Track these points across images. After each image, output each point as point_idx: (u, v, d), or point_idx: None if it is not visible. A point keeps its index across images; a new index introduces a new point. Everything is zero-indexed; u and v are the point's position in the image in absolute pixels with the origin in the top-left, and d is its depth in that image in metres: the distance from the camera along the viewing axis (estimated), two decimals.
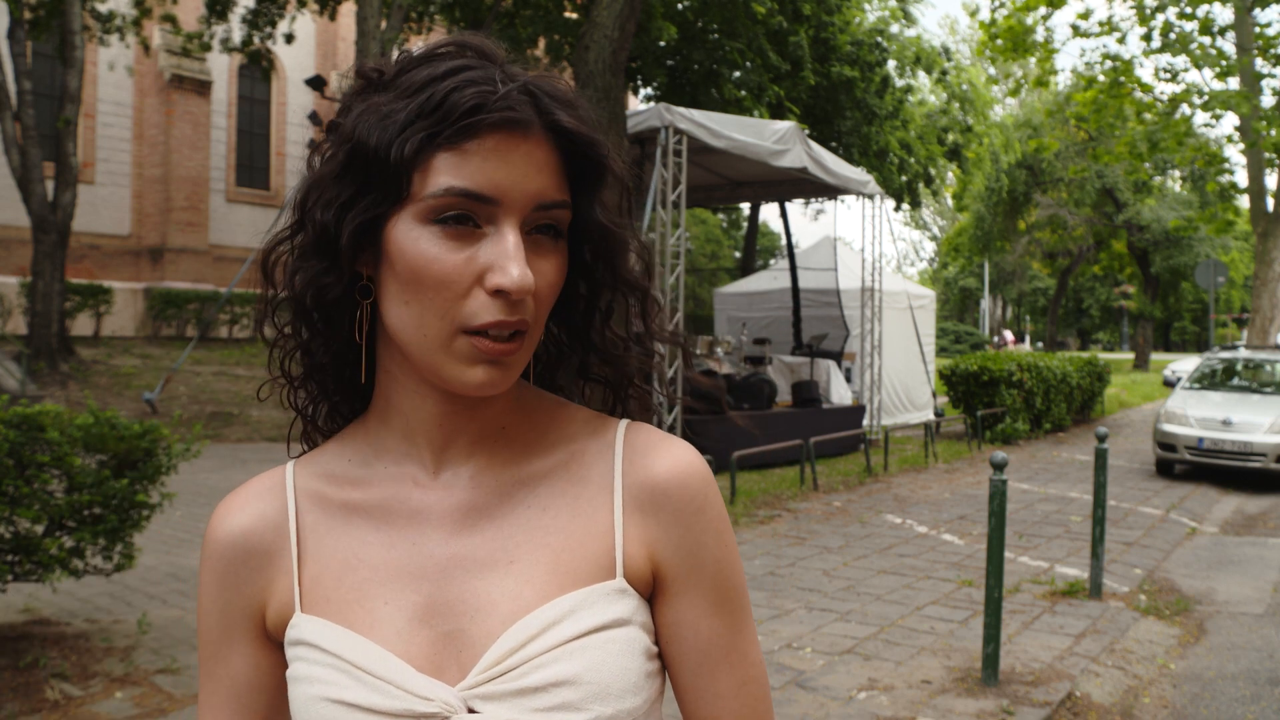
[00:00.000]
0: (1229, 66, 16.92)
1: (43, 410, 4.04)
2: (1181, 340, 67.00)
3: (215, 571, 0.81)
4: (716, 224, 42.28)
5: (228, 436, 13.22)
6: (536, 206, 0.72)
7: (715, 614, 0.79)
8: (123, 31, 17.07)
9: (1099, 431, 6.28)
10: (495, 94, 0.70)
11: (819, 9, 19.74)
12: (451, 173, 0.70)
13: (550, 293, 0.75)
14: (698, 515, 0.79)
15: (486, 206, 0.70)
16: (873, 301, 14.10)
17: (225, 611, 0.81)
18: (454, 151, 0.70)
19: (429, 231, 0.71)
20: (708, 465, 0.82)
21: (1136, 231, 34.59)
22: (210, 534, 0.82)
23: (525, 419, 0.82)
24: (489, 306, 0.70)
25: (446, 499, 0.78)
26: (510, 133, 0.71)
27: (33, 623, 4.80)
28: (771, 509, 8.74)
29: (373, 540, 0.78)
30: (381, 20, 13.28)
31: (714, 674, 0.79)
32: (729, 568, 0.80)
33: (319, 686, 0.74)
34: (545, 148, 0.73)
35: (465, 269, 0.70)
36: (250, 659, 0.81)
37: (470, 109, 0.69)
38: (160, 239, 21.30)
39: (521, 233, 0.71)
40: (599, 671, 0.72)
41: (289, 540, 0.80)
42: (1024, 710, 4.11)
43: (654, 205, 9.70)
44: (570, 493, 0.79)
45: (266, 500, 0.82)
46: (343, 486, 0.80)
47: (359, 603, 0.76)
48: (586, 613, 0.74)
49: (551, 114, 0.73)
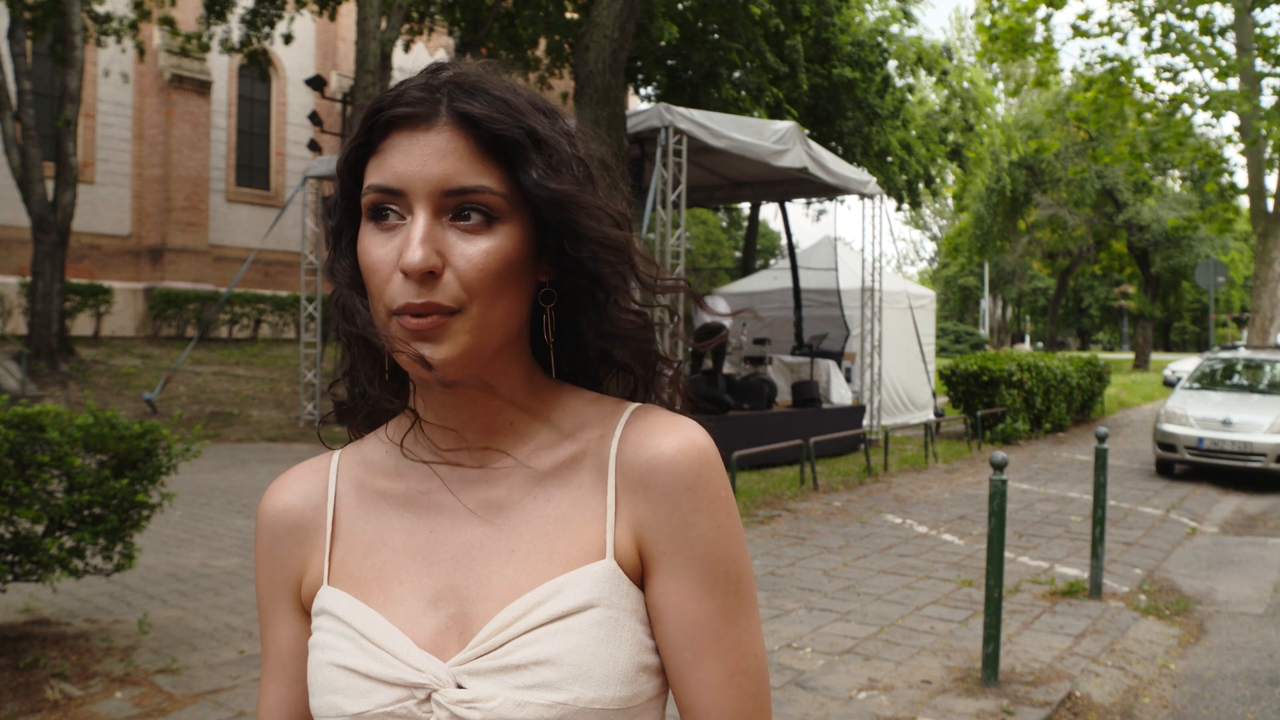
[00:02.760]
0: (1229, 67, 16.92)
1: (43, 410, 4.04)
2: (1181, 340, 67.02)
3: (264, 544, 0.89)
4: (716, 224, 42.30)
5: (228, 436, 13.22)
6: (445, 192, 0.75)
7: (704, 596, 0.78)
8: (120, 34, 17.07)
9: (1099, 431, 6.27)
10: (397, 95, 0.77)
11: (819, 9, 19.74)
12: (373, 173, 0.77)
13: (479, 274, 0.75)
14: (688, 492, 0.79)
15: (396, 198, 0.76)
16: (873, 301, 14.10)
17: (272, 582, 0.89)
18: (377, 155, 0.77)
19: (368, 229, 0.78)
20: (713, 446, 0.81)
21: (1136, 231, 34.60)
22: (260, 509, 0.90)
23: (537, 414, 0.84)
24: (403, 289, 0.75)
25: (464, 492, 0.83)
26: (412, 127, 0.76)
27: (33, 623, 4.81)
28: (771, 509, 8.74)
29: (397, 526, 0.84)
30: (381, 20, 13.27)
31: (701, 660, 0.78)
32: (723, 549, 0.79)
33: (329, 653, 0.80)
34: (451, 135, 0.76)
35: (389, 257, 0.76)
36: (291, 627, 0.88)
37: (370, 113, 0.78)
38: (160, 239, 21.30)
39: (438, 219, 0.76)
40: (579, 654, 0.74)
41: (326, 519, 0.87)
42: (1024, 710, 4.11)
43: (654, 205, 9.70)
44: (574, 481, 0.81)
45: (311, 481, 0.89)
46: (377, 475, 0.87)
47: (377, 581, 0.82)
48: (571, 591, 0.76)
49: (456, 102, 0.76)
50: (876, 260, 14.13)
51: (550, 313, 0.84)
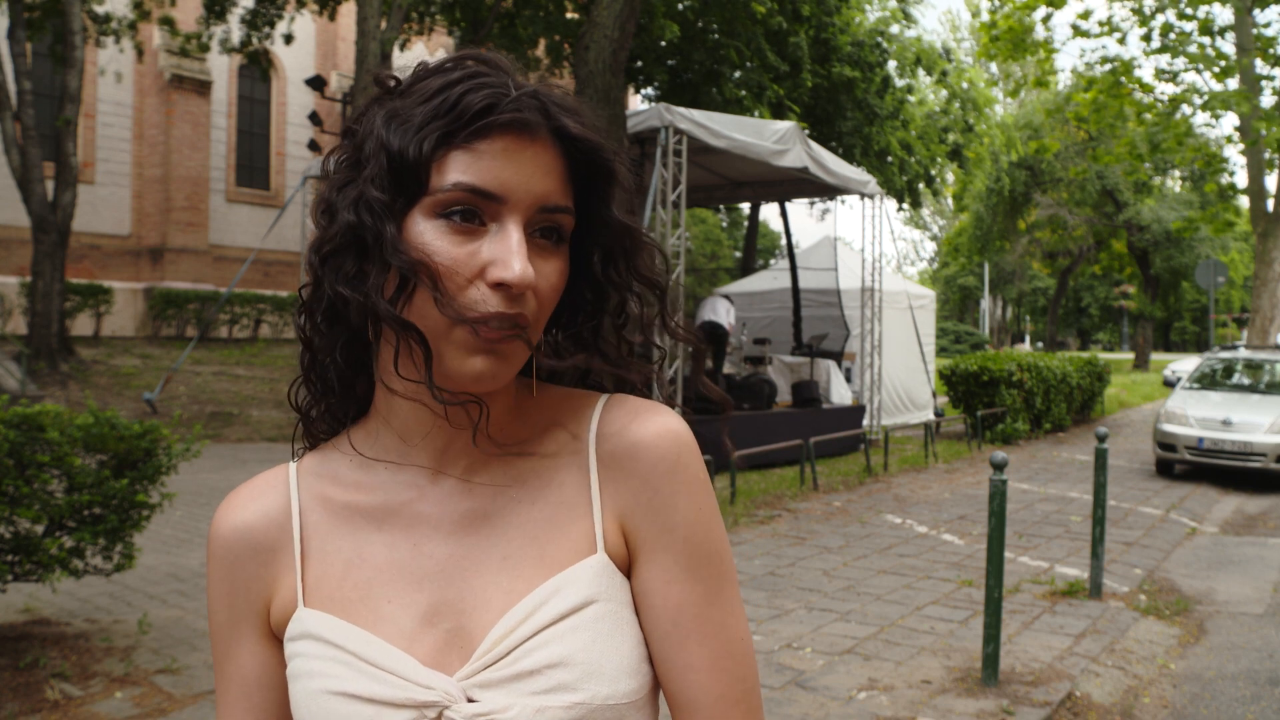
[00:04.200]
0: (1229, 67, 16.92)
1: (43, 410, 4.04)
2: (1181, 340, 67.02)
3: (221, 567, 0.83)
4: (716, 224, 42.30)
5: (228, 436, 13.22)
6: (541, 208, 0.74)
7: (686, 579, 0.78)
8: (119, 34, 17.07)
9: (1099, 431, 6.27)
10: (507, 97, 0.73)
11: (819, 9, 19.74)
12: (462, 170, 0.72)
13: (551, 294, 0.76)
14: (668, 476, 0.78)
15: (492, 204, 0.73)
16: (873, 301, 14.10)
17: (232, 607, 0.83)
18: (466, 150, 0.72)
19: (436, 225, 0.73)
20: (688, 430, 0.81)
21: (1136, 231, 34.59)
22: (215, 530, 0.84)
23: (518, 416, 0.83)
24: (490, 298, 0.72)
25: (445, 503, 0.80)
26: (519, 135, 0.73)
27: (33, 623, 4.80)
28: (771, 509, 8.74)
29: (376, 541, 0.80)
30: (381, 20, 13.27)
31: (685, 644, 0.77)
32: (704, 532, 0.79)
33: (321, 680, 0.75)
34: (551, 152, 0.75)
35: (468, 262, 0.72)
36: (258, 656, 0.82)
37: (482, 109, 0.72)
38: (160, 239, 21.30)
39: (525, 232, 0.73)
40: (590, 651, 0.73)
41: (292, 538, 0.81)
42: (1024, 710, 4.11)
43: (654, 205, 9.71)
44: (555, 480, 0.80)
45: (269, 498, 0.83)
46: (345, 488, 0.82)
47: (363, 601, 0.78)
48: (570, 589, 0.75)
49: (557, 120, 0.75)
50: (876, 260, 14.12)
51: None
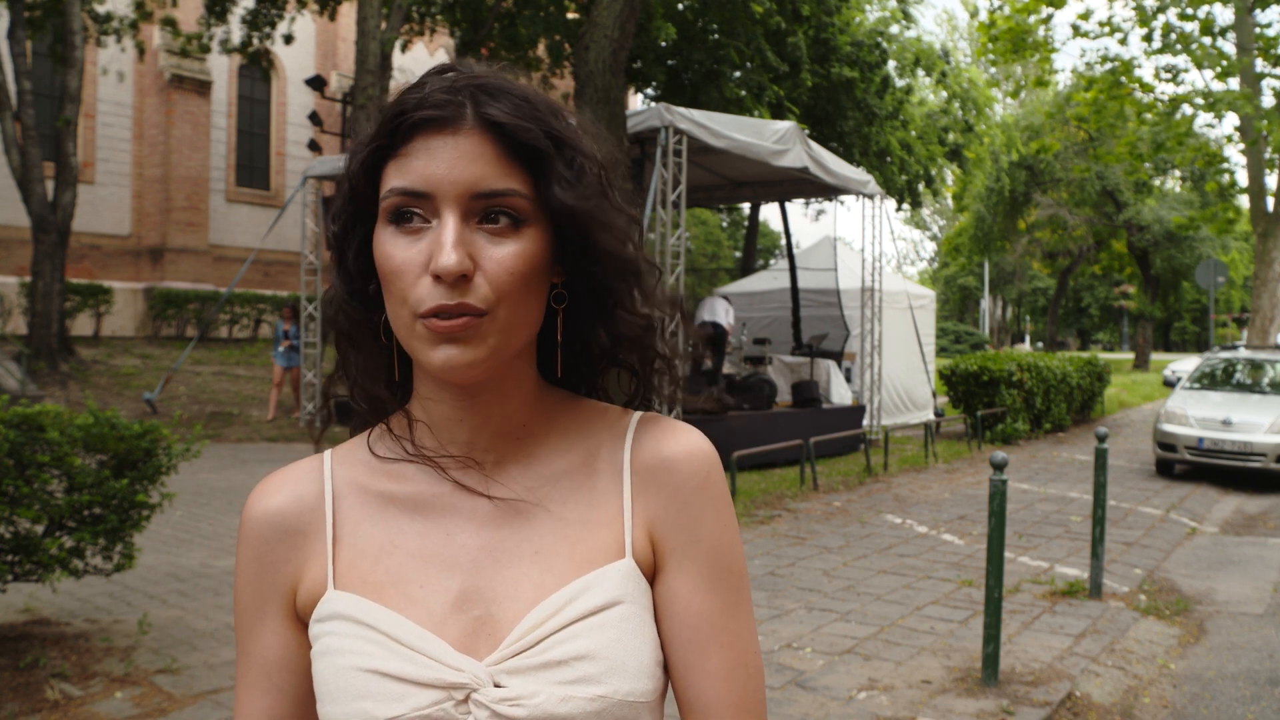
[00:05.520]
0: (1229, 67, 16.92)
1: (43, 410, 4.04)
2: (1181, 340, 67.01)
3: (251, 548, 0.86)
4: (716, 224, 42.31)
5: (228, 436, 13.22)
6: (474, 195, 0.76)
7: (709, 590, 0.82)
8: (119, 34, 17.07)
9: (1099, 431, 6.27)
10: (421, 98, 0.77)
11: (818, 9, 19.74)
12: (395, 176, 0.77)
13: (508, 278, 0.76)
14: (698, 492, 0.83)
15: (424, 201, 0.76)
16: (873, 301, 14.10)
17: (260, 589, 0.85)
18: (399, 157, 0.77)
19: (388, 231, 0.78)
20: (714, 450, 0.86)
21: (1136, 231, 34.58)
22: (247, 512, 0.87)
23: (545, 417, 0.86)
24: (433, 292, 0.75)
25: (476, 495, 0.83)
26: (439, 130, 0.76)
27: (33, 623, 4.80)
28: (771, 509, 8.74)
29: (408, 529, 0.83)
30: (381, 20, 13.28)
31: (704, 652, 0.81)
32: (727, 547, 0.83)
33: (351, 657, 0.78)
34: (478, 139, 0.77)
35: (415, 259, 0.76)
36: (281, 637, 0.85)
37: (394, 115, 0.77)
38: (160, 239, 21.31)
39: (466, 222, 0.76)
40: (615, 648, 0.77)
41: (325, 522, 0.85)
42: (1024, 710, 4.11)
43: (654, 205, 9.70)
44: (587, 485, 0.84)
45: (304, 484, 0.87)
46: (379, 477, 0.86)
47: (394, 585, 0.81)
48: (598, 589, 0.79)
49: (481, 107, 0.77)
50: (876, 260, 14.12)
51: (561, 314, 0.85)
